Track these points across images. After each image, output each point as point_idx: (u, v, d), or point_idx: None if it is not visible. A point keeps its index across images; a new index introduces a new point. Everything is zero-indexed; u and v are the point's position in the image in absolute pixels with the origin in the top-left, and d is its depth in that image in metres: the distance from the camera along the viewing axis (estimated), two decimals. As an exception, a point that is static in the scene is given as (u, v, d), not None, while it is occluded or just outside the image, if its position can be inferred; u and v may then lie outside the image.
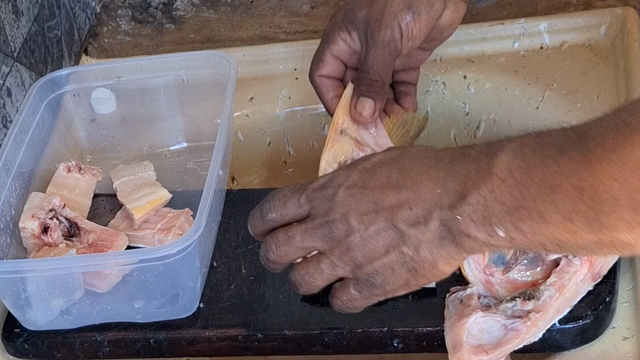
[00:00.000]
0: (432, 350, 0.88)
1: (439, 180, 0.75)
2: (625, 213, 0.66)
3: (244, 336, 0.90)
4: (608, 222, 0.67)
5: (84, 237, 0.95)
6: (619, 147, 0.65)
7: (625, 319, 0.89)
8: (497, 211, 0.72)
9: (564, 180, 0.68)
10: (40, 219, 0.94)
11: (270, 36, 1.28)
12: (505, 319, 0.83)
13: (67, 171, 1.03)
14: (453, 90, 1.19)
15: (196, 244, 0.87)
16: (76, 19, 1.25)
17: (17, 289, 0.89)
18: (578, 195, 0.68)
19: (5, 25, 1.04)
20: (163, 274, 0.88)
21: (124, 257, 0.91)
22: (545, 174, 0.69)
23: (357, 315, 0.89)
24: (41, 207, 0.95)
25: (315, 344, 0.90)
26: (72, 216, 0.95)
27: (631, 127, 0.65)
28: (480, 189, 0.72)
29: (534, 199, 0.70)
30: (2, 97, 1.03)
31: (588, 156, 0.67)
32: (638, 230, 0.67)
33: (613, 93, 1.11)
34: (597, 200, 0.67)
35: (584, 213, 0.68)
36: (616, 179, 0.65)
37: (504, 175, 0.71)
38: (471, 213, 0.73)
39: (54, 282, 0.89)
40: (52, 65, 1.17)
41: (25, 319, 0.92)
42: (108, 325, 0.93)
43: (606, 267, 0.88)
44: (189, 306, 0.91)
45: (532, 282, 0.87)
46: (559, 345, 0.87)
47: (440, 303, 0.88)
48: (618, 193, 0.66)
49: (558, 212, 0.69)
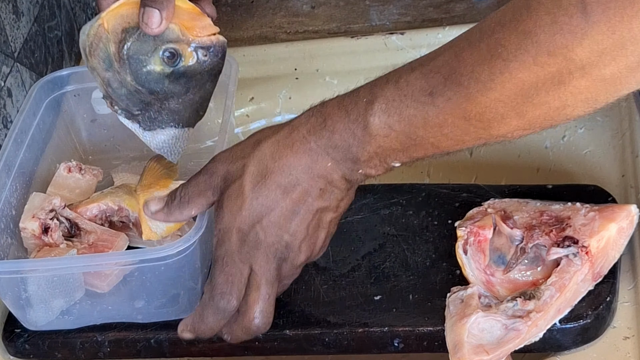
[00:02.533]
0: (432, 350, 0.88)
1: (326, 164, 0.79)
2: (512, 122, 0.73)
3: (244, 336, 0.90)
4: (497, 132, 0.74)
5: (85, 238, 0.95)
6: (496, 76, 0.70)
7: (625, 319, 0.89)
8: (391, 154, 0.78)
9: (447, 116, 0.74)
10: (41, 219, 0.94)
11: (271, 36, 1.28)
12: (506, 318, 0.83)
13: (68, 171, 1.03)
14: (453, 90, 1.19)
15: (197, 244, 0.87)
16: (76, 19, 1.25)
17: (17, 289, 0.89)
18: (465, 123, 0.73)
19: (6, 26, 1.04)
20: (164, 274, 0.88)
21: (124, 257, 0.91)
22: (427, 118, 0.74)
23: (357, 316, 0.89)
24: (42, 208, 0.95)
25: (315, 344, 0.90)
26: (72, 217, 0.95)
27: (502, 57, 0.69)
28: (368, 149, 0.77)
29: (423, 137, 0.75)
30: (3, 97, 1.03)
31: (464, 91, 0.72)
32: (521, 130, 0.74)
33: (613, 93, 1.11)
34: (485, 121, 0.73)
35: (474, 133, 0.74)
36: (501, 100, 0.71)
37: (385, 132, 0.76)
38: (368, 164, 0.79)
39: (54, 283, 0.89)
40: (53, 66, 1.17)
41: (26, 319, 0.92)
42: (109, 325, 0.93)
43: (607, 267, 0.88)
44: (190, 306, 0.91)
45: (533, 281, 0.87)
46: (559, 345, 0.87)
47: (441, 303, 0.88)
48: (504, 110, 0.71)
49: (449, 139, 0.75)
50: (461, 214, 0.94)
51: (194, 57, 0.90)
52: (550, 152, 1.12)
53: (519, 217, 0.90)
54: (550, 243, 0.87)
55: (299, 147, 0.80)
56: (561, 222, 0.88)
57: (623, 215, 0.88)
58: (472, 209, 0.93)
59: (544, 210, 0.90)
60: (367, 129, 0.77)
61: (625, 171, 1.03)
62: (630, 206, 0.89)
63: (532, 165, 1.14)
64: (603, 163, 1.05)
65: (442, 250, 0.95)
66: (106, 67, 0.90)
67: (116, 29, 0.89)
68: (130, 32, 0.89)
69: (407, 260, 0.94)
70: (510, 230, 0.89)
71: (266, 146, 0.81)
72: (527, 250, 0.87)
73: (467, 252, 0.89)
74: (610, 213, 0.88)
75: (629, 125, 1.06)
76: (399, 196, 1.01)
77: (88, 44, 0.90)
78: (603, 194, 0.97)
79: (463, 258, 0.89)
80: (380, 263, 0.94)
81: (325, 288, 0.93)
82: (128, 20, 0.89)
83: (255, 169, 0.81)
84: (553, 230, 0.87)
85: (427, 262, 0.94)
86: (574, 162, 1.07)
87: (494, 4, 1.24)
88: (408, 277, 0.93)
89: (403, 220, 0.98)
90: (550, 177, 1.10)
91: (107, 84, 0.91)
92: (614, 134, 1.07)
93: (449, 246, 0.93)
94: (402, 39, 1.22)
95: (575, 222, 0.88)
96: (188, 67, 0.90)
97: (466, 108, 0.72)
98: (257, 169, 0.81)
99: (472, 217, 0.92)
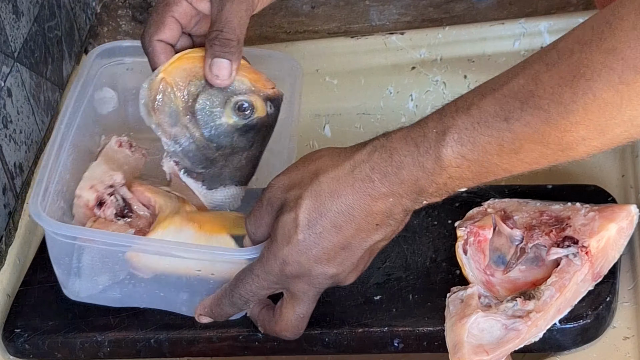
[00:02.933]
0: (432, 350, 0.88)
1: (387, 201, 0.77)
2: (593, 142, 0.70)
3: (244, 336, 0.90)
4: (575, 154, 0.72)
5: (135, 221, 0.94)
6: (579, 98, 0.67)
7: (625, 319, 0.89)
8: (460, 184, 0.75)
9: (524, 142, 0.71)
10: (99, 192, 0.93)
11: (271, 36, 1.28)
12: (505, 318, 0.83)
13: (119, 145, 1.00)
14: (453, 90, 1.19)
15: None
16: (76, 19, 1.25)
17: (70, 258, 0.89)
18: (543, 147, 0.71)
19: (6, 26, 1.04)
20: (230, 274, 0.87)
21: (196, 251, 0.88)
22: (502, 145, 0.71)
23: (357, 316, 0.90)
24: (101, 180, 0.94)
25: (315, 344, 0.90)
26: (128, 197, 0.94)
27: (586, 77, 0.67)
28: (438, 180, 0.74)
29: (497, 164, 0.73)
30: (3, 97, 1.03)
31: (544, 115, 0.69)
32: (599, 149, 0.71)
33: (613, 93, 1.11)
34: (564, 144, 0.70)
35: (551, 156, 0.72)
36: (583, 122, 0.68)
37: (457, 163, 0.73)
38: (433, 195, 0.76)
39: (105, 258, 0.89)
40: (53, 66, 1.17)
41: (69, 288, 0.92)
42: (109, 325, 0.93)
43: (607, 267, 0.88)
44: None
45: (533, 281, 0.87)
46: (559, 345, 0.87)
47: (441, 303, 0.88)
48: (585, 132, 0.69)
49: (524, 164, 0.73)
50: (461, 214, 0.94)
51: (264, 109, 0.89)
52: (550, 152, 1.12)
53: (519, 217, 0.90)
54: (550, 243, 0.87)
55: (360, 187, 0.77)
56: (561, 222, 0.88)
57: (623, 215, 0.88)
58: (472, 209, 0.93)
59: (544, 210, 0.90)
60: (438, 161, 0.73)
61: (625, 171, 1.03)
62: (630, 206, 0.89)
63: (532, 165, 1.13)
64: (603, 163, 1.05)
65: (442, 250, 0.95)
66: (172, 122, 0.88)
67: (180, 83, 0.88)
68: (197, 85, 0.88)
69: (407, 260, 0.94)
70: (510, 230, 0.89)
71: (325, 181, 0.78)
72: (527, 251, 0.87)
73: (467, 252, 0.89)
74: (610, 213, 0.88)
75: (629, 125, 1.06)
76: (399, 196, 1.01)
77: (150, 99, 0.88)
78: (603, 194, 0.97)
79: (463, 258, 0.89)
80: (380, 263, 0.94)
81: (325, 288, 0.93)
82: (192, 72, 0.88)
83: (312, 204, 0.79)
84: (553, 230, 0.87)
85: (427, 262, 0.94)
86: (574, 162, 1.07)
87: (493, 4, 1.24)
88: (408, 277, 0.93)
89: (403, 220, 0.98)
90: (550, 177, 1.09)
91: (174, 140, 0.89)
92: (614, 134, 1.07)
93: (449, 246, 0.93)
94: (402, 39, 1.22)
95: (575, 222, 0.88)
96: (259, 119, 0.89)
97: (545, 132, 0.70)
98: (314, 205, 0.78)
99: (472, 217, 0.92)
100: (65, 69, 1.21)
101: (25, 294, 0.97)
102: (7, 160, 1.03)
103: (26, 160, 1.08)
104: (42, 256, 1.01)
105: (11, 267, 1.01)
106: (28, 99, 1.09)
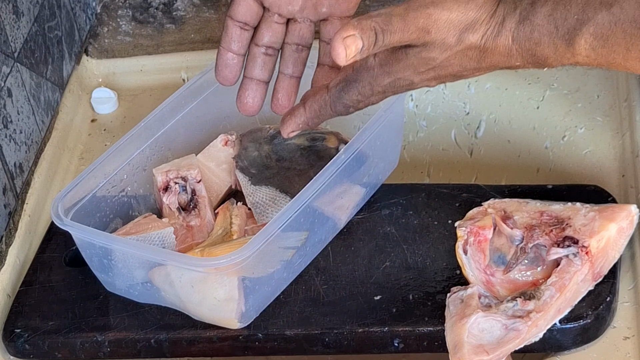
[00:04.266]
0: (432, 350, 0.88)
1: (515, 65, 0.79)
2: None
3: (244, 336, 0.90)
4: None
5: (190, 218, 0.97)
6: None
7: (626, 319, 0.89)
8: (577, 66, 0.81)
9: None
10: (168, 178, 0.96)
11: (271, 36, 1.28)
12: (506, 318, 0.83)
13: (224, 144, 1.02)
14: (453, 90, 1.19)
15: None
16: (76, 19, 1.25)
17: (100, 258, 0.91)
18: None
19: (6, 26, 1.04)
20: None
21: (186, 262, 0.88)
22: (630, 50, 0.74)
23: (357, 316, 0.90)
24: (178, 168, 0.97)
25: (315, 344, 0.90)
26: (199, 195, 0.96)
27: None
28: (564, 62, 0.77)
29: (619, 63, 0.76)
30: (3, 97, 1.03)
31: None
32: None
33: (613, 93, 1.11)
34: None
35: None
36: None
37: (586, 53, 0.76)
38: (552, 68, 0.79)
39: (136, 257, 0.90)
40: (53, 66, 1.17)
41: (107, 281, 0.94)
42: (109, 325, 0.93)
43: (607, 267, 0.88)
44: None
45: (533, 281, 0.87)
46: (559, 345, 0.87)
47: (441, 303, 0.88)
48: None
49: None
50: (461, 214, 0.94)
51: (336, 141, 0.92)
52: (550, 152, 1.12)
53: (519, 217, 0.90)
54: (550, 243, 0.87)
55: (500, 52, 0.78)
56: (561, 222, 0.88)
57: (623, 215, 0.88)
58: (472, 209, 0.93)
59: (544, 210, 0.90)
60: (571, 48, 0.76)
61: (625, 171, 1.03)
62: (630, 206, 0.89)
63: (532, 165, 1.14)
64: (603, 163, 1.05)
65: (442, 250, 0.95)
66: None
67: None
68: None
69: (407, 260, 0.94)
70: (510, 230, 0.89)
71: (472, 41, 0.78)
72: (527, 251, 0.87)
73: (467, 252, 0.89)
74: (610, 213, 0.88)
75: (629, 125, 1.06)
76: (399, 196, 1.01)
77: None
78: (603, 194, 0.97)
79: (463, 258, 0.89)
80: (380, 263, 0.94)
81: (325, 288, 0.93)
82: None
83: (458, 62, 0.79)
84: (553, 230, 0.87)
85: (427, 262, 0.94)
86: (574, 162, 1.07)
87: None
88: (408, 277, 0.93)
89: (403, 220, 0.98)
90: (550, 177, 1.10)
91: (245, 147, 0.95)
92: (614, 134, 1.07)
93: (449, 246, 0.93)
94: (402, 39, 1.22)
95: (575, 222, 0.88)
96: (325, 146, 0.91)
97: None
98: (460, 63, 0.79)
99: (472, 217, 0.92)
100: (65, 69, 1.21)
101: (25, 294, 0.97)
102: (7, 161, 1.03)
103: (26, 160, 1.08)
104: (42, 256, 1.01)
105: (11, 267, 1.01)
106: (28, 99, 1.09)
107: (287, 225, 0.87)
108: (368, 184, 0.99)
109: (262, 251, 0.86)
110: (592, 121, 1.10)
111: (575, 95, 1.13)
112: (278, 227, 0.86)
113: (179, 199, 0.98)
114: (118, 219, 0.99)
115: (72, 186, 0.94)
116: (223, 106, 1.04)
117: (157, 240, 0.92)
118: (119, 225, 0.98)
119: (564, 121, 1.11)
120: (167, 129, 1.01)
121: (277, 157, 0.93)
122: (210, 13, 1.29)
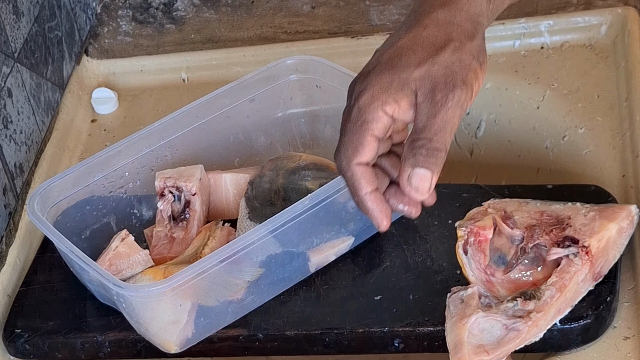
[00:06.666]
0: (433, 350, 0.88)
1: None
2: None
3: (244, 336, 0.90)
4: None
5: (175, 229, 0.97)
6: None
7: (626, 319, 0.89)
8: None
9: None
10: (165, 185, 0.96)
11: (271, 36, 1.28)
12: (506, 318, 0.83)
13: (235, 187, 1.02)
14: (453, 90, 1.19)
15: None
16: (77, 20, 1.25)
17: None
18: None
19: (6, 26, 1.04)
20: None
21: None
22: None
23: (357, 316, 0.90)
24: (178, 177, 0.97)
25: (316, 344, 0.90)
26: (191, 208, 0.97)
27: None
28: None
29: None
30: (3, 97, 1.03)
31: None
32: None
33: (613, 93, 1.11)
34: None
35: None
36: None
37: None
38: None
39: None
40: (53, 66, 1.17)
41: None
42: (109, 325, 0.93)
43: (607, 267, 0.88)
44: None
45: (533, 281, 0.87)
46: (560, 345, 0.87)
47: (441, 303, 0.88)
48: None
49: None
50: (461, 214, 0.94)
51: (343, 195, 0.91)
52: (550, 152, 1.12)
53: (519, 217, 0.90)
54: (550, 243, 0.87)
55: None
56: (561, 222, 0.88)
57: (623, 215, 0.88)
58: (472, 209, 0.93)
59: (544, 210, 0.90)
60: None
61: (626, 171, 1.03)
62: (630, 206, 0.89)
63: (532, 165, 1.14)
64: (603, 163, 1.05)
65: (442, 250, 0.95)
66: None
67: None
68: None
69: (407, 260, 0.94)
70: (510, 230, 0.89)
71: (448, 54, 0.77)
72: (528, 250, 0.87)
73: (467, 252, 0.89)
74: (610, 213, 0.88)
75: (629, 125, 1.06)
76: (399, 196, 1.01)
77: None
78: (603, 194, 0.97)
79: (463, 258, 0.89)
80: (380, 263, 0.95)
81: (326, 288, 0.93)
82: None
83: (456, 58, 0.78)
84: (553, 230, 0.87)
85: (427, 262, 0.94)
86: (574, 162, 1.08)
87: (494, 4, 1.24)
88: (408, 277, 0.93)
89: (403, 220, 0.98)
90: (550, 177, 1.10)
91: (262, 174, 0.96)
92: (614, 134, 1.07)
93: (449, 246, 0.93)
94: (402, 39, 1.22)
95: (576, 222, 0.88)
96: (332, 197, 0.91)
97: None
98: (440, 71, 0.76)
99: (472, 217, 0.92)
100: (65, 69, 1.21)
101: (25, 295, 0.97)
102: (7, 161, 1.03)
103: (26, 160, 1.08)
104: (42, 257, 1.01)
105: (11, 268, 1.01)
106: (28, 99, 1.09)
107: (235, 258, 0.86)
108: (355, 231, 0.95)
109: (199, 281, 0.85)
110: (592, 121, 1.10)
111: (575, 95, 1.13)
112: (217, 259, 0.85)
113: (172, 207, 0.98)
114: (112, 215, 0.99)
115: (57, 178, 0.95)
116: (245, 122, 1.07)
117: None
118: (112, 222, 0.98)
119: (564, 121, 1.11)
120: (184, 133, 1.01)
121: (285, 197, 0.93)
122: (211, 13, 1.29)
